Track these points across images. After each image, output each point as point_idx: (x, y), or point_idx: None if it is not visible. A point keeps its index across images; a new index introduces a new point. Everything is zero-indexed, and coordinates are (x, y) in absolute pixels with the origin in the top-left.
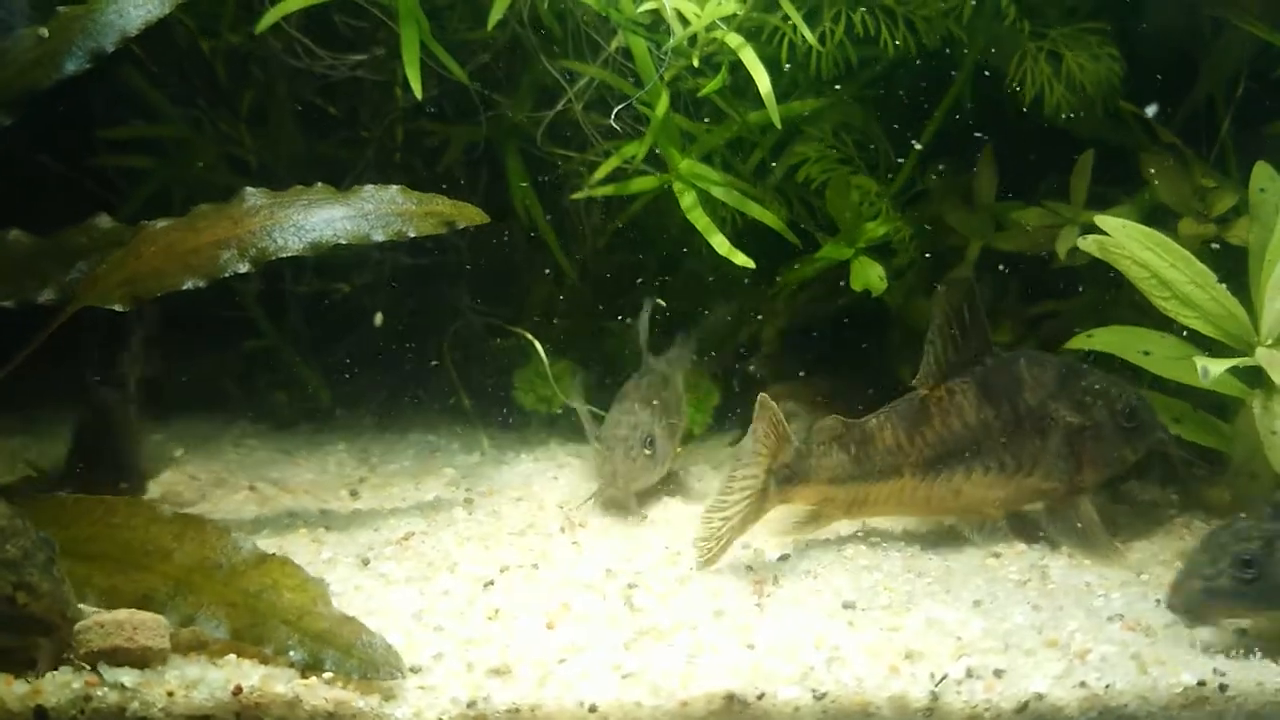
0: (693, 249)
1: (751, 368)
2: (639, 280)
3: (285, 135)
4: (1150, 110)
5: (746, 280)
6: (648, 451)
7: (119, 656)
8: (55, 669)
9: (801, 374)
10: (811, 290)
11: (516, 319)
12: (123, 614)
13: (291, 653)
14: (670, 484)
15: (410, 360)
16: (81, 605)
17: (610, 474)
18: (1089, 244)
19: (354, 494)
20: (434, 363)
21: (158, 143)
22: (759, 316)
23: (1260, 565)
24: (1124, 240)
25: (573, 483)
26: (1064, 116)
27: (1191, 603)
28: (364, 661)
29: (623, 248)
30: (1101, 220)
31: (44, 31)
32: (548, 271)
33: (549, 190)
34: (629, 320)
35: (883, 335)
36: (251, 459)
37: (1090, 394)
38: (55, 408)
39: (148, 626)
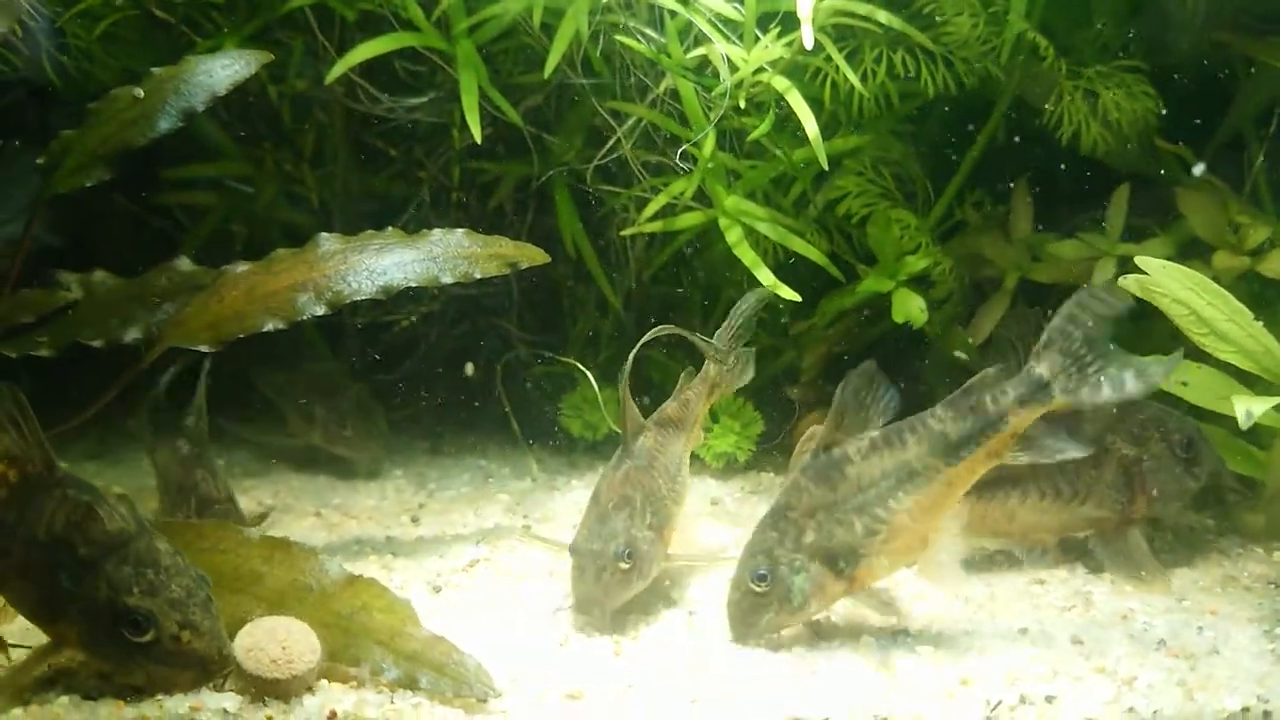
0: (732, 281)
1: (792, 394)
2: (679, 309)
3: (346, 175)
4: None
5: (786, 309)
6: (624, 565)
7: (275, 689)
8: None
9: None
10: (849, 319)
11: (562, 348)
12: (270, 622)
13: (386, 673)
14: (717, 510)
15: (461, 387)
16: None
17: (582, 597)
18: (1130, 283)
19: (415, 520)
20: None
21: (219, 182)
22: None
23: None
24: (1163, 280)
25: None
26: (1100, 152)
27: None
28: (457, 680)
29: (665, 280)
30: (1142, 261)
31: (139, 92)
32: (593, 303)
33: (595, 225)
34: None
35: (920, 363)
36: (313, 484)
37: (1148, 426)
38: (126, 439)
39: (298, 638)
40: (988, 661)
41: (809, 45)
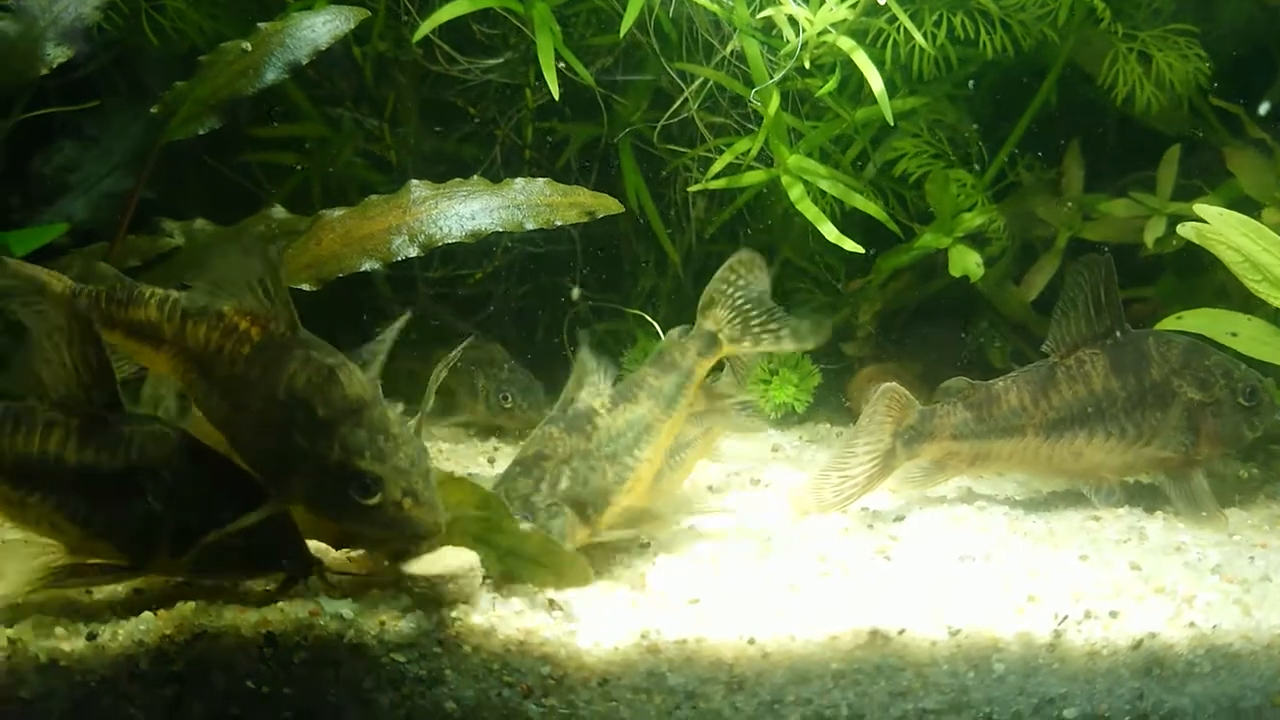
0: (788, 239)
1: (847, 350)
2: None
3: (422, 133)
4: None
5: (844, 267)
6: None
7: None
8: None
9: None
10: (904, 277)
11: (622, 305)
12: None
13: (486, 567)
14: (779, 455)
15: (527, 342)
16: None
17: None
18: (1188, 230)
19: (491, 461)
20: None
21: (299, 141)
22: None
23: None
24: (1221, 227)
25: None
26: (1152, 113)
27: None
28: (555, 571)
29: (720, 238)
30: (1200, 209)
31: (247, 45)
32: (653, 262)
33: (656, 185)
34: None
35: (971, 320)
36: None
37: (1213, 373)
38: None
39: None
40: (1052, 583)
41: (881, 1)
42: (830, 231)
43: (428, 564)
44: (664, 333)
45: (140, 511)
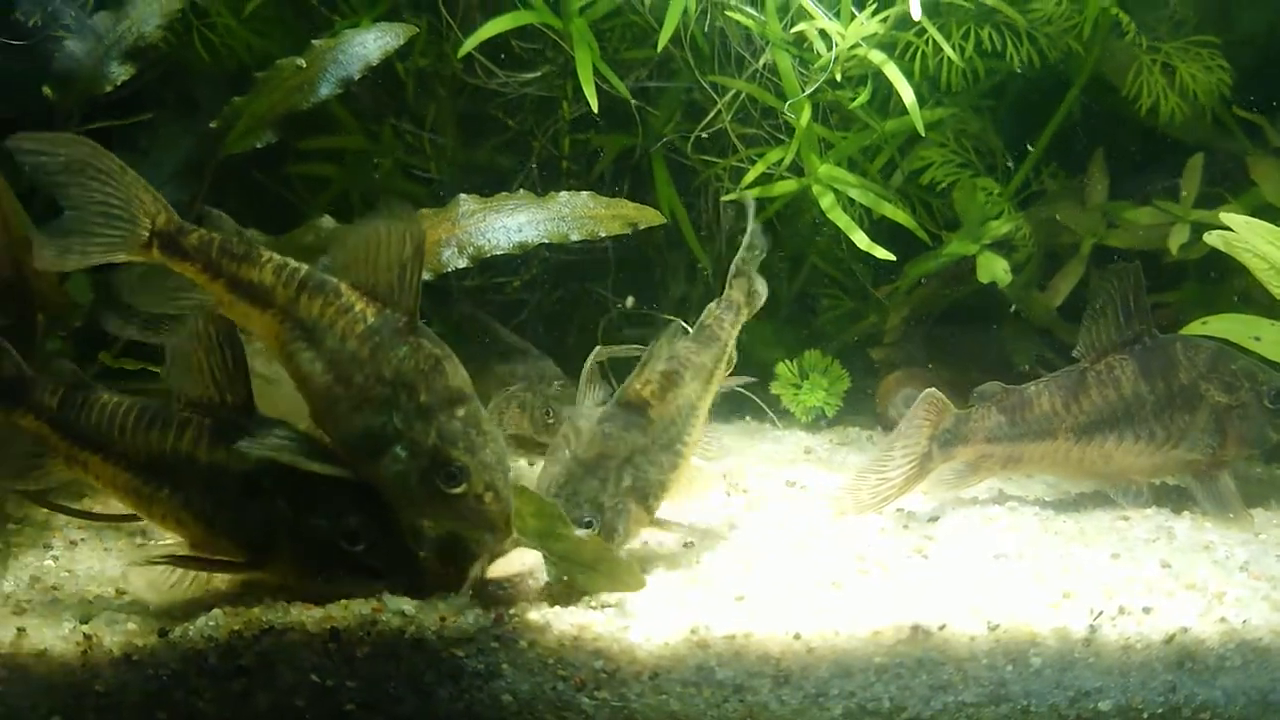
0: (817, 248)
1: (875, 355)
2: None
3: (460, 145)
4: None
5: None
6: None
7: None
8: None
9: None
10: (931, 284)
11: (654, 312)
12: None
13: (544, 574)
14: (811, 457)
15: (561, 348)
16: None
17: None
18: (1214, 238)
19: (531, 464)
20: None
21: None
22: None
23: None
24: (1248, 235)
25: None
26: (1176, 122)
27: None
28: (609, 576)
29: None
30: (1227, 217)
31: (302, 62)
32: (684, 271)
33: (687, 195)
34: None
35: (998, 327)
36: None
37: (1239, 376)
38: None
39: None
40: (1084, 579)
41: (916, 17)
42: (862, 239)
43: (492, 566)
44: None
45: (263, 512)
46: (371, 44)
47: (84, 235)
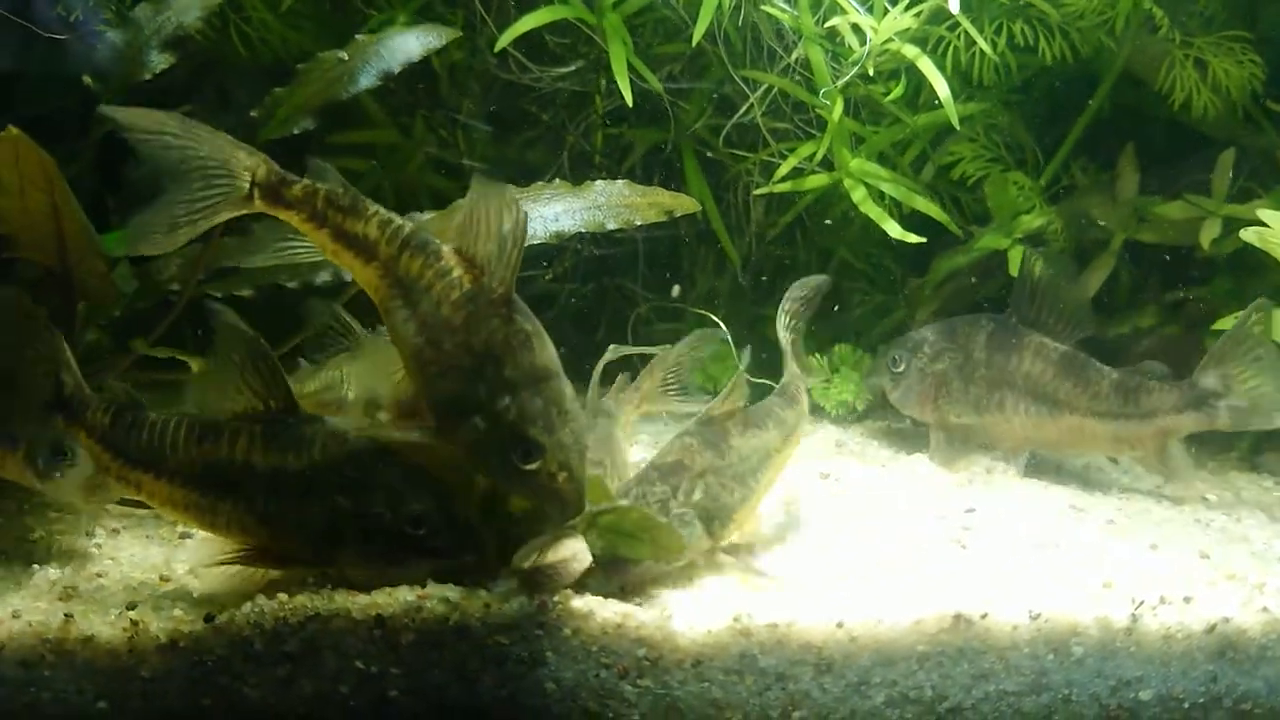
0: (845, 242)
1: None
2: (793, 271)
3: (492, 139)
4: None
5: (898, 269)
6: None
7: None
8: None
9: None
10: (959, 279)
11: (683, 305)
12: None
13: (589, 544)
14: (843, 450)
15: (589, 342)
16: None
17: None
18: (1249, 234)
19: None
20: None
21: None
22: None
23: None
24: None
25: None
26: (1209, 117)
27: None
28: (653, 544)
29: (777, 241)
30: (1262, 213)
31: (343, 55)
32: (712, 265)
33: (716, 189)
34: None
35: None
36: None
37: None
38: None
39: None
40: (1124, 569)
41: (954, 10)
42: (894, 228)
43: (537, 552)
44: (726, 330)
45: (325, 508)
46: (414, 41)
47: (187, 202)
